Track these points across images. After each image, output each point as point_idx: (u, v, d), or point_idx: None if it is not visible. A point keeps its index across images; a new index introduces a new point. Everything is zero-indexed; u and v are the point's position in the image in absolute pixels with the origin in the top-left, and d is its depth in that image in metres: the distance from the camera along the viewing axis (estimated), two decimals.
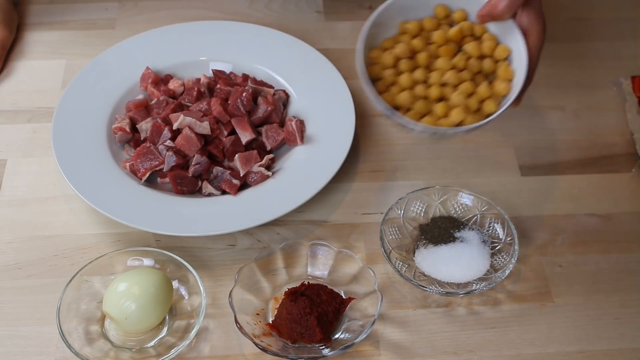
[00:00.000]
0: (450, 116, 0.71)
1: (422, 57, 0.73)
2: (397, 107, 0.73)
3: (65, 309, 0.73)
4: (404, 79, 0.72)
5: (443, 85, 0.72)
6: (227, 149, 0.85)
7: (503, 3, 0.72)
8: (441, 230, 0.80)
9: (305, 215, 0.84)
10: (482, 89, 0.72)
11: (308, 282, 0.76)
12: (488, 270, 0.78)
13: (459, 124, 0.72)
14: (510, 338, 0.75)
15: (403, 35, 0.75)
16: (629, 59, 1.00)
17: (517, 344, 0.75)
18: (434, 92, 0.72)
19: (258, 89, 0.90)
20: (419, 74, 0.72)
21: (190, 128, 0.84)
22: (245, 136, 0.86)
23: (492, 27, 0.75)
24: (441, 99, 0.73)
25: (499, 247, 0.80)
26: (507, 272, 0.76)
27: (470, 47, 0.73)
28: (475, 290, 0.76)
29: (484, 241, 0.79)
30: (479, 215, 0.81)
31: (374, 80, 0.74)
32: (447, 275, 0.77)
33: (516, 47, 0.73)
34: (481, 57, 0.74)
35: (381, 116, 0.90)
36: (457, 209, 0.82)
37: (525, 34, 0.73)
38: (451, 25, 0.76)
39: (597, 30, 1.05)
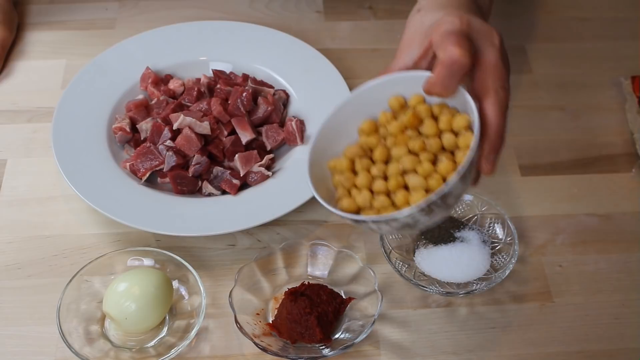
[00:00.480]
0: (412, 201, 0.63)
1: (378, 153, 0.65)
2: (359, 210, 0.65)
3: (65, 309, 0.73)
4: (361, 178, 0.64)
5: (403, 173, 0.64)
6: (227, 149, 0.85)
7: (437, 86, 0.61)
8: (441, 230, 0.80)
9: (305, 215, 0.84)
10: (443, 165, 0.62)
11: (308, 282, 0.76)
12: (488, 270, 0.78)
13: None
14: (510, 338, 0.75)
15: (360, 137, 0.67)
16: (629, 59, 1.00)
17: (517, 344, 0.75)
18: (392, 183, 0.63)
19: (258, 89, 0.90)
20: (375, 170, 0.64)
21: (190, 128, 0.84)
22: (245, 136, 0.86)
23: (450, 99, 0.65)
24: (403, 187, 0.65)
25: (499, 247, 0.80)
26: (507, 272, 0.76)
27: (426, 127, 0.64)
28: (475, 290, 0.75)
29: (484, 241, 0.79)
30: (479, 215, 0.81)
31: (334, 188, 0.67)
32: (447, 275, 0.77)
33: (472, 114, 0.62)
34: (442, 133, 0.65)
35: None
36: (457, 209, 0.82)
37: (481, 96, 0.62)
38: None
39: (597, 30, 1.05)
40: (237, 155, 0.84)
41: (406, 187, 0.64)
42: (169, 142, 0.84)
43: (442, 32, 0.62)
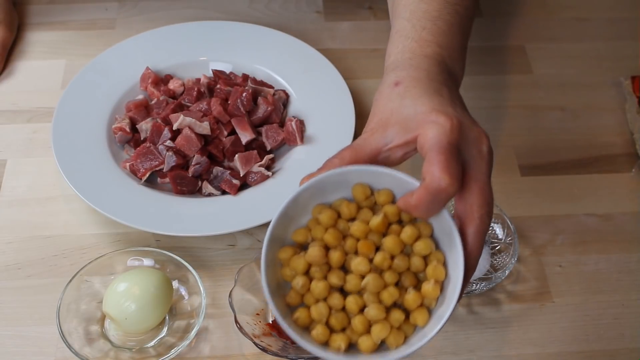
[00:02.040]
0: (372, 333, 0.55)
1: (335, 257, 0.56)
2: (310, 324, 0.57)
3: (65, 309, 0.73)
4: (319, 288, 0.56)
5: (363, 290, 0.56)
6: (227, 149, 0.85)
7: (419, 210, 0.54)
8: None
9: None
10: (410, 296, 0.56)
11: None
12: (488, 270, 0.78)
13: (382, 342, 0.56)
14: (510, 338, 0.75)
15: (316, 226, 0.58)
16: (629, 59, 1.00)
17: (517, 344, 0.75)
18: (351, 303, 0.56)
19: (258, 89, 0.90)
20: (333, 278, 0.56)
21: (190, 128, 0.84)
22: (245, 136, 0.86)
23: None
24: (362, 308, 0.56)
25: (499, 247, 0.80)
26: (507, 272, 0.76)
27: (389, 241, 0.56)
28: (475, 290, 0.76)
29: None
30: None
31: (284, 285, 0.58)
32: None
33: (452, 244, 0.56)
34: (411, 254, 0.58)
35: None
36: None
37: (464, 220, 0.56)
38: (373, 208, 0.58)
39: (597, 30, 1.05)
40: (237, 156, 0.84)
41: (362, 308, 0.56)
42: (169, 142, 0.84)
43: (430, 141, 0.55)
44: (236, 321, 0.71)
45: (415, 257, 0.57)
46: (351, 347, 0.57)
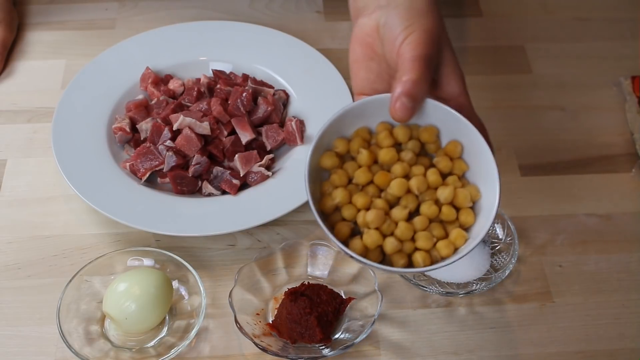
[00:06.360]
0: (422, 239, 0.62)
1: (387, 155, 0.63)
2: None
3: (65, 309, 0.73)
4: (367, 191, 0.63)
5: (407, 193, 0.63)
6: (227, 149, 0.85)
7: (400, 110, 0.61)
8: None
9: (305, 215, 0.83)
10: (461, 194, 0.63)
11: (308, 282, 0.76)
12: (488, 270, 0.78)
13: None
14: (510, 338, 0.75)
15: (369, 137, 0.66)
16: (629, 59, 1.00)
17: (517, 344, 0.75)
18: (399, 210, 0.62)
19: (258, 89, 0.90)
20: (379, 178, 0.63)
21: (190, 128, 0.84)
22: (245, 136, 0.86)
23: (436, 119, 0.65)
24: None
25: (499, 247, 0.80)
26: (507, 272, 0.76)
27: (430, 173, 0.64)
28: (475, 290, 0.76)
29: (484, 241, 0.79)
30: None
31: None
32: (447, 275, 0.77)
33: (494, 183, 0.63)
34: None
35: None
36: None
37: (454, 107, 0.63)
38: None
39: (597, 30, 1.05)
40: (237, 156, 0.84)
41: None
42: (169, 142, 0.84)
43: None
44: (236, 321, 0.71)
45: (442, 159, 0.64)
46: (385, 260, 0.63)
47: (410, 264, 0.62)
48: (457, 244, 0.62)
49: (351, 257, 0.60)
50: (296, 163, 0.85)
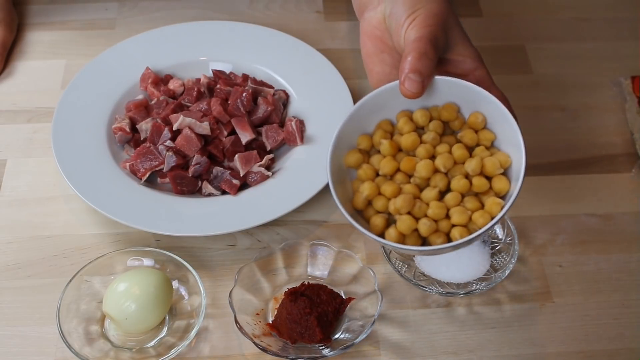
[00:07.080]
0: (457, 215, 0.63)
1: (409, 140, 0.65)
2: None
3: (65, 309, 0.73)
4: (394, 180, 0.64)
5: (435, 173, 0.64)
6: (227, 149, 0.85)
7: (408, 86, 0.62)
8: None
9: (305, 215, 0.84)
10: (489, 162, 0.64)
11: (308, 282, 0.76)
12: (488, 270, 0.78)
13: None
14: (510, 338, 0.75)
15: (391, 127, 0.67)
16: (629, 59, 1.00)
17: (517, 344, 0.75)
18: (434, 189, 0.63)
19: (258, 89, 0.90)
20: (405, 164, 0.64)
21: (190, 128, 0.84)
22: (245, 136, 0.86)
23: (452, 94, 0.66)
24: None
25: (499, 247, 0.80)
26: (507, 272, 0.76)
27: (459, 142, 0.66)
28: (475, 290, 0.76)
29: (484, 241, 0.79)
30: None
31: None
32: (447, 275, 0.77)
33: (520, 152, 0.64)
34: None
35: None
36: None
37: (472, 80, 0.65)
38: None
39: (597, 30, 1.05)
40: (237, 156, 0.84)
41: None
42: (169, 143, 0.84)
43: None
44: (236, 321, 0.71)
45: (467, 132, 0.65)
46: (425, 243, 0.63)
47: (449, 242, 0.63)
48: (493, 212, 0.62)
49: (387, 245, 0.61)
50: (296, 163, 0.85)
